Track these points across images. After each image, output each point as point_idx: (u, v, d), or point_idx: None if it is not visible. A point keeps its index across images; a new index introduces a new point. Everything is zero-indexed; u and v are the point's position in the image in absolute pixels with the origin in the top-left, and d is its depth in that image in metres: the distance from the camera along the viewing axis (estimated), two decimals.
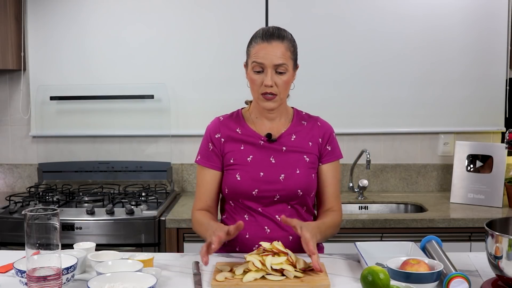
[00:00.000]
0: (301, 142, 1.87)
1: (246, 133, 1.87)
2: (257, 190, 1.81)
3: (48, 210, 1.40)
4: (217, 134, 1.88)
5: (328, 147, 1.89)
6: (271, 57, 1.74)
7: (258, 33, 1.79)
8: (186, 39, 3.15)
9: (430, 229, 2.54)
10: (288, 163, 1.84)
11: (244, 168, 1.83)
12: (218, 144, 1.88)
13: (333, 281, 1.56)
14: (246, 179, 1.82)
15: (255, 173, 1.82)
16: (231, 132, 1.88)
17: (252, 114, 1.90)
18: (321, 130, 1.90)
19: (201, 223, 1.83)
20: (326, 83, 3.13)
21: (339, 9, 3.11)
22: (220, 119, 1.93)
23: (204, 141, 1.92)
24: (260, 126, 1.88)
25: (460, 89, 3.12)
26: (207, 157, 1.89)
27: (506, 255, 1.39)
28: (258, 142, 1.86)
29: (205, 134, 1.92)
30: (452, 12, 3.08)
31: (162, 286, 1.55)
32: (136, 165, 3.16)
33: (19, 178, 3.30)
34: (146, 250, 2.52)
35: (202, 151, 1.91)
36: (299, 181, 1.83)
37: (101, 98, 3.17)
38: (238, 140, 1.87)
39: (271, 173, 1.82)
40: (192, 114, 3.17)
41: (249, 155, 1.84)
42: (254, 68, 1.77)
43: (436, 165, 3.19)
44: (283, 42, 1.77)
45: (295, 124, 1.89)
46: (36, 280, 1.37)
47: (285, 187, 1.82)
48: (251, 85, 1.80)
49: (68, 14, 3.16)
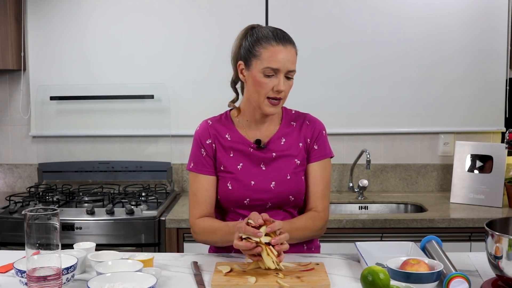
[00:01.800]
0: (290, 145, 1.83)
1: (235, 139, 1.82)
2: (248, 200, 1.79)
3: (48, 210, 1.40)
4: (208, 140, 1.83)
5: (315, 145, 1.84)
6: (286, 62, 1.69)
7: (268, 34, 1.71)
8: (186, 39, 3.15)
9: (430, 229, 2.54)
10: (278, 169, 1.80)
11: (235, 177, 1.80)
12: (210, 149, 1.82)
13: (333, 281, 1.56)
14: (237, 188, 1.79)
15: (246, 182, 1.79)
16: (220, 138, 1.83)
17: (241, 118, 1.85)
18: (309, 129, 1.85)
19: (215, 228, 1.77)
20: (326, 83, 3.13)
21: (339, 10, 3.11)
22: (208, 123, 1.86)
23: (195, 147, 1.85)
24: (249, 130, 1.83)
25: (460, 89, 3.12)
26: (201, 163, 1.82)
27: (506, 255, 1.39)
28: (248, 149, 1.81)
29: (194, 140, 1.85)
30: (452, 12, 3.08)
31: (162, 286, 1.55)
32: (136, 165, 3.16)
33: (19, 178, 3.30)
34: (146, 250, 2.52)
35: (194, 157, 1.84)
36: (289, 187, 1.80)
37: (101, 98, 3.17)
38: (228, 147, 1.82)
39: (262, 181, 1.79)
40: (192, 114, 3.17)
41: (239, 163, 1.81)
42: (266, 72, 1.69)
43: (436, 165, 3.19)
44: (294, 45, 1.74)
45: (284, 126, 1.85)
46: (36, 280, 1.37)
47: (277, 195, 1.79)
48: (257, 89, 1.72)
49: (68, 14, 3.16)
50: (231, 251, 1.82)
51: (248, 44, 1.76)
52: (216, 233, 1.76)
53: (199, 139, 1.84)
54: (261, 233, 1.55)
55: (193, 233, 1.83)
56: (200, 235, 1.81)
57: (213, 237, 1.78)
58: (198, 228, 1.81)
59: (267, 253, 1.56)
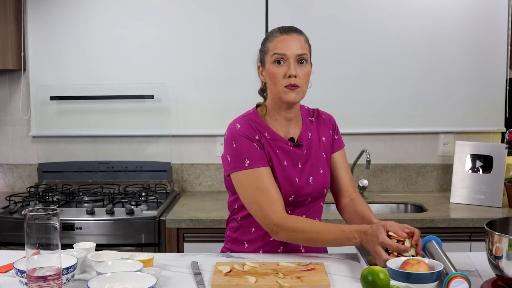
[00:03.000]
0: (316, 140, 1.87)
1: (273, 137, 1.81)
2: (293, 196, 1.80)
3: (48, 210, 1.40)
4: (256, 136, 1.77)
5: (336, 136, 1.94)
6: (292, 47, 1.73)
7: (274, 30, 1.79)
8: (186, 39, 3.15)
9: (430, 229, 2.54)
10: (312, 165, 1.84)
11: (282, 174, 1.78)
12: (260, 144, 1.77)
13: (333, 281, 1.56)
14: (285, 185, 1.78)
15: (292, 179, 1.79)
16: (263, 135, 1.80)
17: (269, 116, 1.84)
18: (329, 122, 1.94)
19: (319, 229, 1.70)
20: (326, 83, 3.12)
21: (339, 10, 3.11)
22: (248, 122, 1.79)
23: (244, 144, 1.75)
24: (280, 128, 1.83)
25: (460, 89, 3.12)
26: (257, 157, 1.74)
27: (506, 255, 1.39)
28: (288, 147, 1.82)
29: (240, 140, 1.75)
30: (452, 12, 3.08)
31: (162, 286, 1.55)
32: (136, 165, 3.16)
33: (19, 178, 3.30)
34: (146, 250, 2.52)
35: (247, 154, 1.74)
36: (324, 181, 1.86)
37: (101, 98, 3.17)
38: (271, 145, 1.80)
39: (303, 178, 1.81)
40: (192, 114, 3.17)
41: (284, 160, 1.80)
42: (275, 59, 1.73)
43: (436, 165, 3.19)
44: (301, 34, 1.79)
45: (306, 122, 1.89)
46: (36, 280, 1.37)
47: (315, 190, 1.83)
48: (272, 80, 1.75)
49: (68, 14, 3.16)
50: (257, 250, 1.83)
51: (261, 46, 1.83)
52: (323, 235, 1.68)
53: (247, 135, 1.76)
54: (409, 247, 1.58)
55: (281, 231, 1.70)
56: (295, 233, 1.70)
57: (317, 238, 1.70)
58: (293, 227, 1.70)
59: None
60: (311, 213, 1.86)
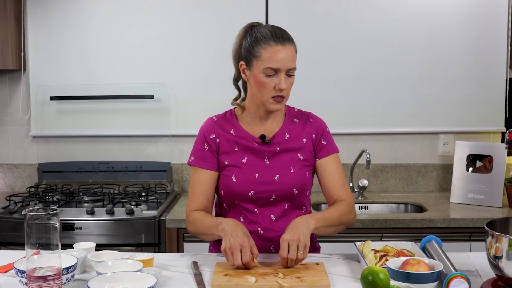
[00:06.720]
0: (294, 140, 1.86)
1: (240, 134, 1.86)
2: (253, 192, 1.81)
3: (48, 210, 1.40)
4: (212, 134, 1.87)
5: (323, 141, 1.88)
6: (286, 61, 1.72)
7: (267, 34, 1.74)
8: (186, 39, 3.15)
9: (430, 229, 2.54)
10: (282, 163, 1.84)
11: (239, 170, 1.83)
12: (214, 144, 1.86)
13: (333, 281, 1.57)
14: (241, 180, 1.82)
15: (251, 175, 1.82)
16: (225, 133, 1.87)
17: (246, 115, 1.89)
18: (314, 125, 1.90)
19: (204, 220, 1.80)
20: (326, 83, 3.13)
21: (339, 9, 3.11)
22: (213, 119, 1.91)
23: (198, 142, 1.89)
24: (254, 127, 1.87)
25: (460, 89, 3.12)
26: (202, 158, 1.86)
27: (506, 255, 1.39)
28: (253, 144, 1.85)
29: (199, 135, 1.90)
30: (452, 12, 3.08)
31: (162, 286, 1.55)
32: (136, 165, 3.16)
33: (19, 178, 3.30)
34: (146, 250, 2.52)
35: (196, 152, 1.88)
36: (293, 180, 1.83)
37: (101, 98, 3.17)
38: (232, 142, 1.85)
39: (266, 174, 1.82)
40: (192, 114, 3.17)
41: (243, 157, 1.84)
42: (266, 72, 1.73)
43: (436, 165, 3.19)
44: (292, 43, 1.77)
45: (288, 122, 1.89)
46: (36, 280, 1.37)
47: (281, 187, 1.82)
48: (260, 89, 1.76)
49: (68, 14, 3.16)
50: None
51: (248, 44, 1.79)
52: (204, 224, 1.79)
53: (203, 134, 1.88)
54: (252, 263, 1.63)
55: (187, 224, 1.88)
56: (192, 225, 1.84)
57: (201, 228, 1.81)
58: (191, 220, 1.84)
59: None
60: (283, 215, 1.83)
